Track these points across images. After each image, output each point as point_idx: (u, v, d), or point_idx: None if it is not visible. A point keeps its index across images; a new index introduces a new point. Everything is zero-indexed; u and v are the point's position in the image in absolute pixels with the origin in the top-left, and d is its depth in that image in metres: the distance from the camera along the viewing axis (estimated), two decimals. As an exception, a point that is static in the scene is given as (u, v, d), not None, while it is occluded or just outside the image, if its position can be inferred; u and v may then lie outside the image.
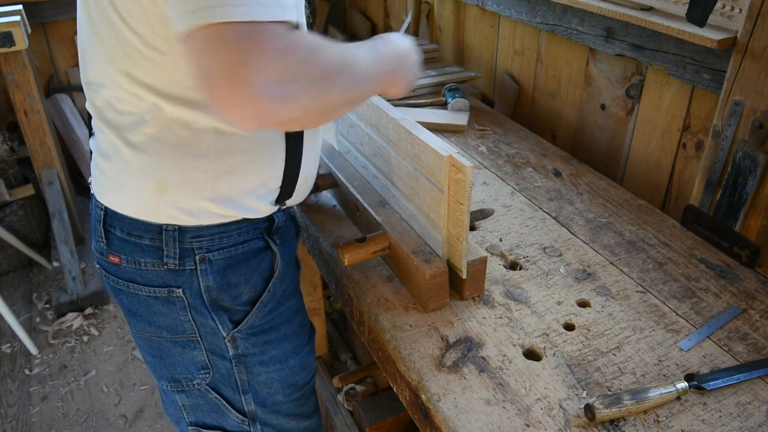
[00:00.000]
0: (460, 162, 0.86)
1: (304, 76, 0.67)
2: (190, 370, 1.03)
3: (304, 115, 0.70)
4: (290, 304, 1.07)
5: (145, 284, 0.94)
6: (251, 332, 1.01)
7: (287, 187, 0.96)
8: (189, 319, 0.96)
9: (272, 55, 0.64)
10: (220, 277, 0.94)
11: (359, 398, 1.66)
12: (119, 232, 0.91)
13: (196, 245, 0.91)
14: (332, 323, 2.09)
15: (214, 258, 0.93)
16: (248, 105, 0.64)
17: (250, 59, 0.63)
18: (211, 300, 0.95)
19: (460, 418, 0.82)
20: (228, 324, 0.98)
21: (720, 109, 1.17)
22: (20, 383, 2.17)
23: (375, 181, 1.16)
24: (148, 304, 0.96)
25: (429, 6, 2.27)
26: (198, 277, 0.93)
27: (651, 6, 1.33)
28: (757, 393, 0.85)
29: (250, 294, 0.98)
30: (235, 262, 0.95)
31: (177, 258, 0.91)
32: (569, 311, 1.00)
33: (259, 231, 0.97)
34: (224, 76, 0.63)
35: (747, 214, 1.15)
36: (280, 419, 1.14)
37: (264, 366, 1.06)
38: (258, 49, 0.63)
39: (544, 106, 1.80)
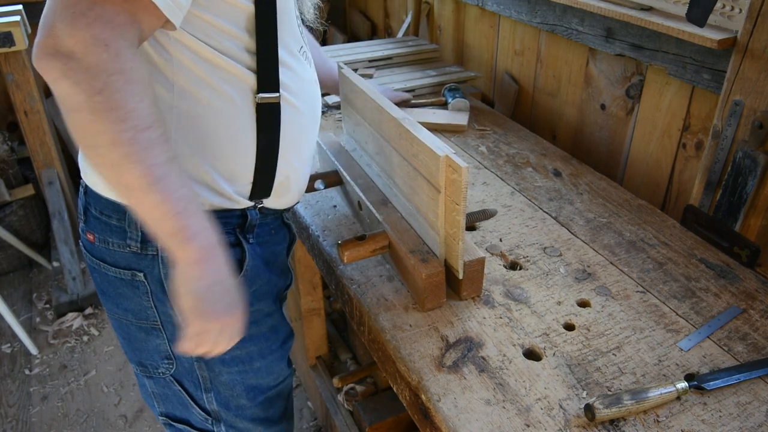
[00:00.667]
0: (456, 162, 0.86)
1: (93, 75, 0.67)
2: (155, 357, 1.02)
3: (68, 107, 0.69)
4: (261, 306, 1.04)
5: (112, 264, 0.93)
6: None
7: (262, 184, 0.94)
8: (151, 305, 0.95)
9: (88, 35, 0.66)
10: None
11: (359, 398, 1.66)
12: (94, 210, 0.92)
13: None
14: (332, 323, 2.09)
15: None
16: (42, 48, 0.66)
17: (74, 21, 0.66)
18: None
19: (460, 418, 0.82)
20: None
21: (720, 109, 1.17)
22: (20, 383, 2.17)
23: (378, 179, 1.16)
24: (116, 285, 0.95)
25: (429, 6, 2.27)
26: (159, 264, 0.91)
27: (651, 6, 1.33)
28: (757, 393, 0.85)
29: None
30: None
31: (139, 241, 0.90)
32: (569, 311, 1.00)
33: (230, 226, 0.94)
34: (46, 16, 0.67)
35: (747, 214, 1.15)
36: (245, 423, 1.11)
37: (225, 365, 1.03)
38: (82, 20, 0.66)
39: (544, 106, 1.80)
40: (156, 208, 0.73)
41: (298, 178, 1.01)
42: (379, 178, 1.15)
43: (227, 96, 0.86)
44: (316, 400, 1.95)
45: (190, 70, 0.83)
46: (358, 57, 1.92)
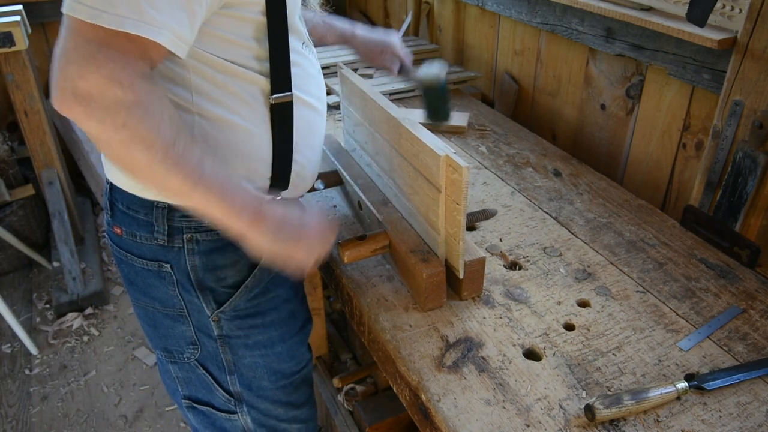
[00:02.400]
0: (457, 162, 0.86)
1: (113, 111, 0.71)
2: (180, 343, 1.06)
3: (97, 138, 0.74)
4: (280, 292, 1.07)
5: (139, 256, 0.98)
6: (236, 315, 1.02)
7: (280, 177, 0.97)
8: (177, 294, 0.99)
9: (102, 77, 0.70)
10: (206, 258, 0.96)
11: (359, 398, 1.66)
12: (120, 205, 0.96)
13: (185, 224, 0.94)
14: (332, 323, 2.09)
15: (202, 239, 0.95)
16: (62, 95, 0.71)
17: (85, 64, 0.70)
18: (196, 279, 0.97)
19: (460, 418, 0.82)
20: (212, 304, 1.00)
21: (720, 109, 1.17)
22: (20, 383, 2.17)
23: (378, 179, 1.16)
24: (143, 275, 1.00)
25: (429, 6, 2.27)
26: (185, 255, 0.96)
27: (651, 6, 1.33)
28: (757, 393, 0.85)
29: (235, 277, 1.00)
30: (222, 246, 0.96)
31: (166, 234, 0.94)
32: (569, 311, 1.00)
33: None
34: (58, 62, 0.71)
35: (747, 214, 1.15)
36: (266, 404, 1.15)
37: (248, 349, 1.07)
38: (92, 60, 0.70)
39: (544, 106, 1.80)
40: (202, 202, 0.81)
41: (312, 166, 1.04)
42: (379, 178, 1.15)
43: (242, 100, 0.90)
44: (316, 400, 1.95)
45: (205, 80, 0.87)
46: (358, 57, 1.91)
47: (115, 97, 0.71)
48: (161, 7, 0.72)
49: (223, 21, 0.84)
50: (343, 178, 1.22)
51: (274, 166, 0.95)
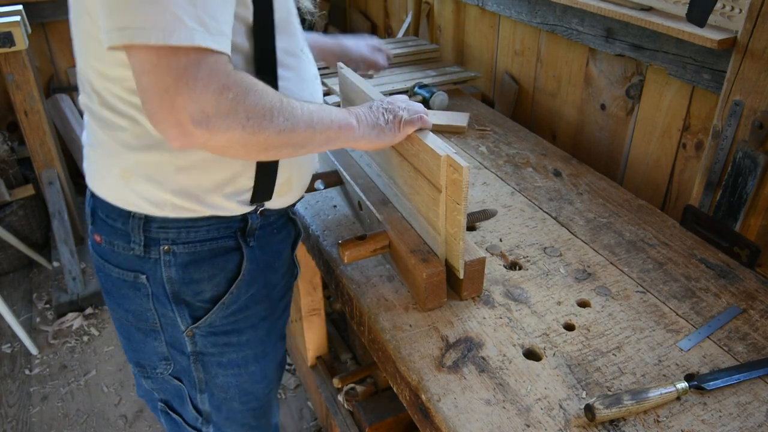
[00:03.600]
0: (457, 162, 0.86)
1: (234, 113, 0.72)
2: (153, 359, 1.04)
3: (235, 147, 0.76)
4: (258, 309, 1.04)
5: (116, 265, 0.96)
6: (211, 331, 1.00)
7: (263, 188, 0.95)
8: (151, 307, 0.97)
9: (207, 91, 0.69)
10: (183, 270, 0.94)
11: (359, 398, 1.66)
12: (100, 213, 0.95)
13: (162, 236, 0.92)
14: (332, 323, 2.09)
15: (179, 251, 0.93)
16: (179, 129, 0.70)
17: (186, 90, 0.68)
18: (172, 291, 0.95)
19: (460, 418, 0.82)
20: (188, 318, 0.98)
21: (720, 109, 1.17)
22: (20, 383, 2.17)
23: (378, 179, 1.16)
24: (119, 285, 0.98)
25: (429, 6, 2.27)
26: (161, 267, 0.94)
27: (651, 6, 1.33)
28: (757, 393, 0.85)
29: (212, 292, 0.98)
30: (199, 258, 0.94)
31: (142, 245, 0.93)
32: (569, 311, 1.00)
33: (231, 230, 0.96)
34: (160, 99, 0.69)
35: (747, 214, 1.15)
36: (235, 428, 1.13)
37: (222, 368, 1.05)
38: (195, 82, 0.69)
39: (544, 106, 1.80)
40: (323, 137, 0.86)
41: (300, 175, 1.02)
42: (379, 178, 1.15)
43: None
44: (316, 400, 1.95)
45: None
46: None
47: (228, 102, 0.71)
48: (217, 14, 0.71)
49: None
50: (343, 178, 1.22)
51: (257, 177, 0.93)
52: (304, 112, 0.82)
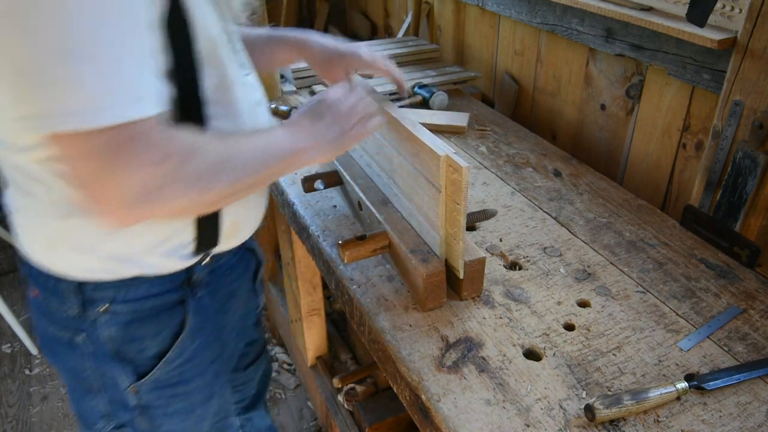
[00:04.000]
0: (457, 162, 0.86)
1: (176, 181, 0.67)
2: (92, 416, 0.99)
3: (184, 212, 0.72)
4: (207, 355, 0.99)
5: (51, 323, 0.90)
6: (156, 386, 0.95)
7: (206, 238, 0.89)
8: (90, 366, 0.92)
9: (144, 166, 0.64)
10: (124, 329, 0.89)
11: (359, 398, 1.66)
12: (34, 268, 0.89)
13: (98, 296, 0.86)
14: (332, 323, 2.09)
15: (119, 310, 0.87)
16: (119, 212, 0.66)
17: (121, 171, 0.63)
18: (114, 350, 0.90)
19: (460, 418, 0.82)
20: (131, 376, 0.92)
21: (720, 109, 1.17)
22: (20, 383, 2.16)
23: (378, 179, 1.16)
24: (54, 342, 0.92)
25: (429, 6, 2.27)
26: (101, 326, 0.88)
27: (651, 6, 1.33)
28: (757, 393, 0.85)
29: (157, 348, 0.92)
30: (142, 317, 0.89)
31: (78, 306, 0.87)
32: (569, 311, 1.00)
33: (175, 283, 0.90)
34: (94, 186, 0.64)
35: (747, 214, 1.15)
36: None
37: (168, 417, 1.00)
38: (130, 160, 0.63)
39: (544, 106, 1.80)
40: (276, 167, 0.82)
41: (249, 215, 0.96)
42: (379, 178, 1.15)
43: None
44: (316, 400, 1.95)
45: None
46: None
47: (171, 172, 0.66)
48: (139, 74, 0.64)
49: None
50: (343, 178, 1.22)
51: (198, 229, 0.86)
52: (253, 152, 0.77)
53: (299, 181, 1.36)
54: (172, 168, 0.66)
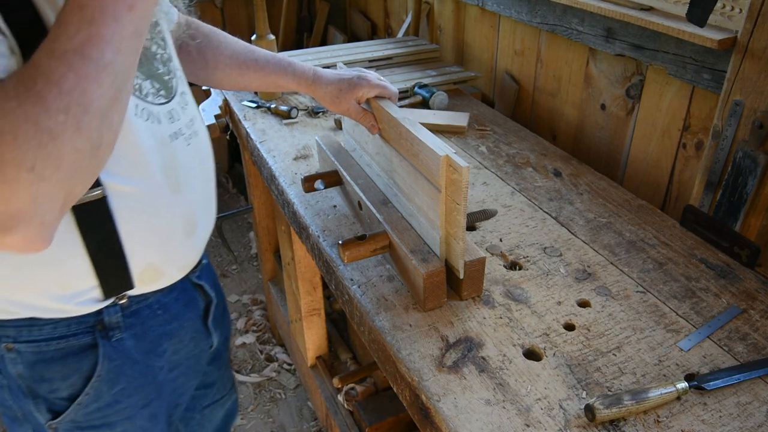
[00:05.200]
0: (457, 162, 0.86)
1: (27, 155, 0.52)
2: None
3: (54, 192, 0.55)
4: (134, 400, 0.92)
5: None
6: (75, 426, 0.89)
7: (114, 280, 0.81)
8: (9, 397, 0.88)
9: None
10: (31, 369, 0.84)
11: (359, 398, 1.66)
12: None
13: (1, 334, 0.81)
14: (332, 323, 2.09)
15: (23, 350, 0.82)
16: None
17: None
18: (26, 386, 0.85)
19: (460, 418, 0.82)
20: (45, 414, 0.88)
21: (720, 109, 1.17)
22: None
23: (378, 179, 1.16)
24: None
25: (429, 6, 2.27)
26: (9, 363, 0.83)
27: (651, 6, 1.33)
28: (757, 393, 0.85)
29: (69, 391, 0.86)
30: (47, 358, 0.83)
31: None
32: (569, 311, 1.00)
33: (83, 326, 0.83)
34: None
35: (747, 214, 1.15)
36: None
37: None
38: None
39: (545, 106, 1.80)
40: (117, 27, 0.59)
41: (171, 255, 0.88)
42: (379, 178, 1.15)
43: None
44: (316, 400, 1.95)
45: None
46: (358, 57, 1.92)
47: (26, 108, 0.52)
48: None
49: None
50: (343, 178, 1.22)
51: (98, 273, 0.79)
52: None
53: (299, 181, 1.37)
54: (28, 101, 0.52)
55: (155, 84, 0.81)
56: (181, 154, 0.85)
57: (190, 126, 0.88)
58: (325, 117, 1.68)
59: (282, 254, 1.86)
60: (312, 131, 1.60)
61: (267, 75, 1.11)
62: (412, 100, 1.72)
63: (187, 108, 0.88)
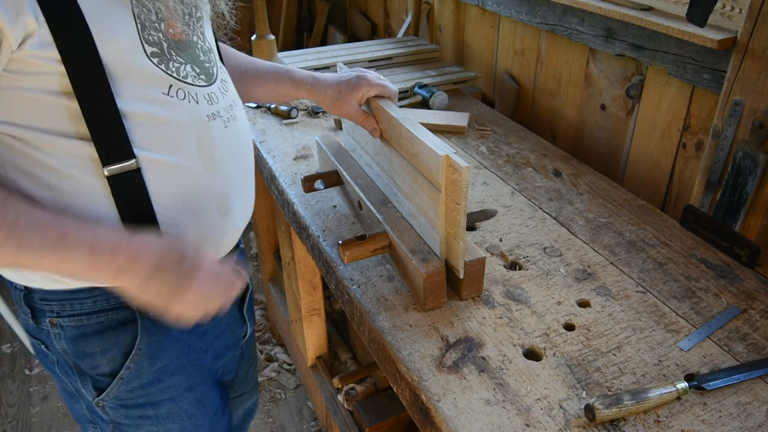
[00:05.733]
0: (457, 162, 0.86)
1: None
2: (82, 419, 0.99)
3: None
4: (176, 380, 0.93)
5: (25, 329, 0.90)
6: (120, 404, 0.92)
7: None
8: (61, 374, 0.91)
9: None
10: (74, 344, 0.86)
11: (359, 398, 1.66)
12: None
13: (46, 308, 0.84)
14: (332, 323, 2.09)
15: (65, 324, 0.85)
16: None
17: None
18: (72, 363, 0.88)
19: (460, 418, 0.82)
20: (91, 390, 0.90)
21: (720, 109, 1.17)
22: (20, 383, 2.17)
23: (378, 179, 1.16)
24: (35, 348, 0.91)
25: (429, 6, 2.27)
26: (55, 338, 0.86)
27: (651, 6, 1.33)
28: (757, 393, 0.85)
29: (109, 366, 0.89)
30: (88, 332, 0.86)
31: (31, 316, 0.86)
32: (569, 311, 1.00)
33: (124, 299, 0.85)
34: None
35: (747, 214, 1.15)
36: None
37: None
38: None
39: (544, 106, 1.80)
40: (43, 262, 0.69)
41: (204, 232, 0.88)
42: (379, 178, 1.15)
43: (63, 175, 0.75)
44: (316, 400, 1.95)
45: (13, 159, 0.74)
46: (358, 57, 1.92)
47: None
48: None
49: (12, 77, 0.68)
50: (343, 178, 1.22)
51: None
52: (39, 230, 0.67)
53: (299, 181, 1.36)
54: None
55: (195, 68, 0.85)
56: (218, 135, 0.87)
57: (228, 110, 0.91)
58: (325, 117, 1.68)
59: (282, 254, 1.86)
60: (312, 131, 1.60)
61: (266, 83, 1.13)
62: (412, 100, 1.72)
63: (227, 94, 0.92)
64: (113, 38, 0.73)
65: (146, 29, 0.77)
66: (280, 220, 1.77)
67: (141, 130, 0.77)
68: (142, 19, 0.76)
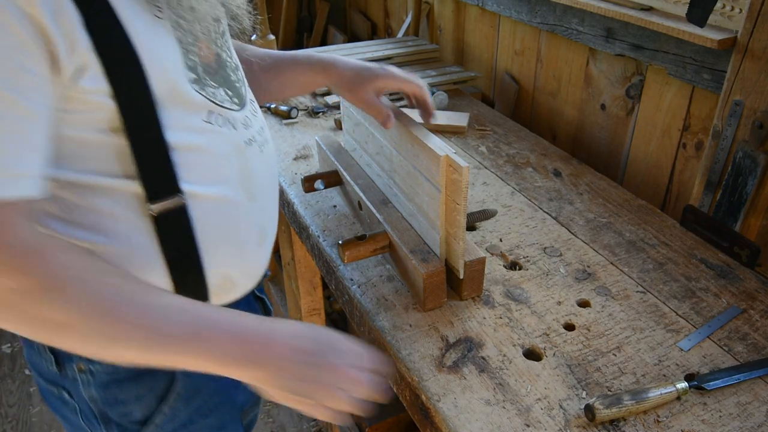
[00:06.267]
0: (457, 162, 0.86)
1: (11, 308, 0.55)
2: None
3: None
4: (211, 421, 0.89)
5: (39, 375, 0.84)
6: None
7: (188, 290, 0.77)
8: (82, 422, 0.85)
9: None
10: (104, 391, 0.81)
11: (359, 398, 1.66)
12: None
13: (74, 354, 0.77)
14: (332, 323, 2.09)
15: (96, 370, 0.79)
16: None
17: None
18: (98, 411, 0.82)
19: (460, 418, 0.82)
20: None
21: (720, 109, 1.17)
22: (20, 383, 2.17)
23: (378, 179, 1.16)
24: (48, 394, 0.86)
25: (429, 6, 2.27)
26: (82, 385, 0.81)
27: (651, 6, 1.33)
28: (757, 393, 0.85)
29: (143, 412, 0.83)
30: (121, 378, 0.80)
31: (55, 364, 0.80)
32: (569, 311, 1.00)
33: None
34: None
35: (747, 214, 1.15)
36: None
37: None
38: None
39: (544, 106, 1.80)
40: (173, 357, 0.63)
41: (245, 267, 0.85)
42: (379, 178, 1.15)
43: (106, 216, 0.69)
44: None
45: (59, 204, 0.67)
46: (358, 57, 1.92)
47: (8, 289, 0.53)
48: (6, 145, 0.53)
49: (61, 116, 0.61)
50: (343, 178, 1.22)
51: (175, 285, 0.76)
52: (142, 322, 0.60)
53: (299, 181, 1.37)
54: (19, 290, 0.54)
55: (228, 92, 0.79)
56: (255, 161, 0.82)
57: (261, 133, 0.86)
58: (325, 117, 1.68)
59: (282, 254, 1.86)
60: (312, 131, 1.60)
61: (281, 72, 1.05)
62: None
63: (257, 116, 0.87)
64: (161, 65, 0.67)
65: (187, 54, 0.71)
66: (280, 220, 1.77)
67: (184, 161, 0.72)
68: (183, 42, 0.71)
